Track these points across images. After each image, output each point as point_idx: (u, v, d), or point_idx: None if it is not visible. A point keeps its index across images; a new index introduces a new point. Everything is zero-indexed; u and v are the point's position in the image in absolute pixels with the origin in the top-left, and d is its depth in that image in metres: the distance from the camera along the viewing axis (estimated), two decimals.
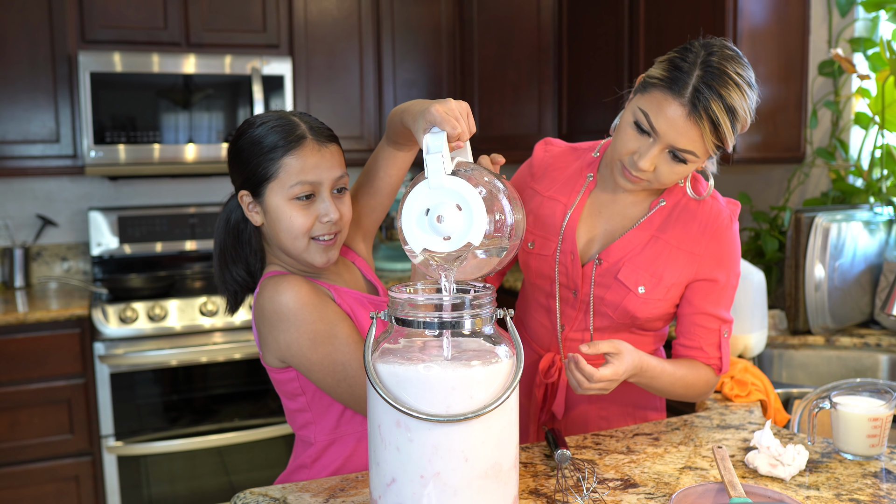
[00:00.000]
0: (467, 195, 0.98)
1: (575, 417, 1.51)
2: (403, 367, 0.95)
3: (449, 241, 0.99)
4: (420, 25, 3.57)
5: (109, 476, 2.86)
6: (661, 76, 1.25)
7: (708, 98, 1.21)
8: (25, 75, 2.95)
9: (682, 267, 1.38)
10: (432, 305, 0.98)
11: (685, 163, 1.27)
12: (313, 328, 1.22)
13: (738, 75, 1.24)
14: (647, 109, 1.26)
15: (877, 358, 2.18)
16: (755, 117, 1.30)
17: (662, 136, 1.24)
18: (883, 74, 2.34)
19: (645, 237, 1.39)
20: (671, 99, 1.23)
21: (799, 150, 2.68)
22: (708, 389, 1.44)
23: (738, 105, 1.23)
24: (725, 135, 1.24)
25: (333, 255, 1.28)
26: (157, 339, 2.88)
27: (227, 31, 3.22)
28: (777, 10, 2.57)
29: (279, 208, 1.24)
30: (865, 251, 2.36)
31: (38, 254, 3.36)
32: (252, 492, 1.17)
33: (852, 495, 1.15)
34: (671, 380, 1.36)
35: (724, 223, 1.38)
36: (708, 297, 1.39)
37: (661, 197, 1.41)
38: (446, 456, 0.94)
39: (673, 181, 1.32)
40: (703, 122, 1.22)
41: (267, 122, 1.26)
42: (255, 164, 1.24)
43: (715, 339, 1.41)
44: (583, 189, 1.45)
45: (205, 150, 3.14)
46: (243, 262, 1.35)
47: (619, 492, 1.16)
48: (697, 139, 1.24)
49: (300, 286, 1.23)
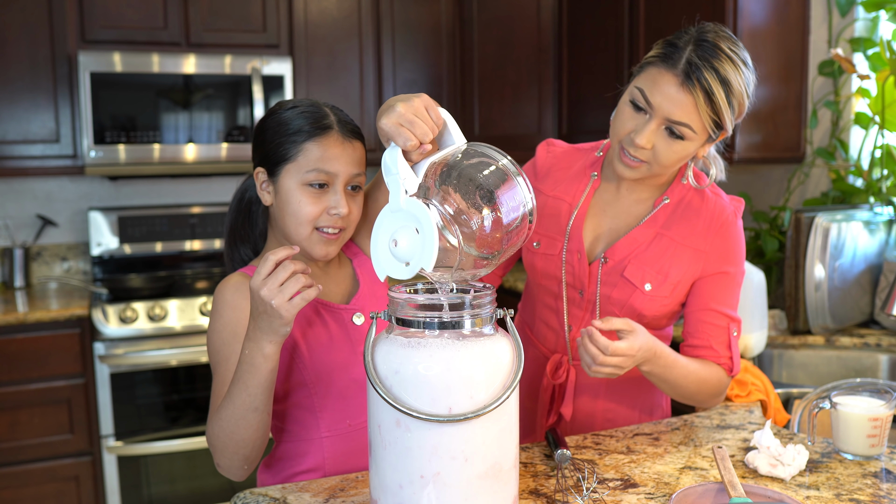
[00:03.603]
0: (421, 218, 0.94)
1: (581, 420, 1.50)
2: (403, 366, 0.95)
3: (408, 267, 0.97)
4: (420, 25, 3.57)
5: (109, 476, 2.86)
6: (656, 54, 1.29)
7: (701, 68, 1.23)
8: (25, 75, 2.95)
9: (687, 264, 1.38)
10: (432, 305, 0.98)
11: (682, 139, 1.27)
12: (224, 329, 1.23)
13: (733, 52, 1.26)
14: (642, 86, 1.28)
15: (877, 358, 2.18)
16: (753, 102, 1.31)
17: (658, 110, 1.26)
18: (883, 74, 2.34)
19: (650, 234, 1.39)
20: (665, 72, 1.25)
21: (799, 150, 2.68)
22: (720, 390, 1.40)
23: (733, 78, 1.24)
24: (721, 107, 1.24)
25: (333, 250, 1.27)
26: (157, 339, 2.88)
27: (227, 31, 3.22)
28: (777, 10, 2.57)
29: (291, 191, 1.23)
30: (865, 251, 2.36)
31: (38, 254, 3.36)
32: (252, 492, 1.17)
33: (852, 495, 1.15)
34: (684, 372, 1.32)
35: (730, 219, 1.39)
36: (715, 293, 1.38)
37: (665, 195, 1.41)
38: (446, 456, 0.94)
39: (672, 162, 1.31)
40: (697, 91, 1.23)
41: (298, 106, 1.26)
42: (277, 143, 1.24)
43: (724, 338, 1.38)
44: (587, 188, 1.44)
45: (205, 150, 3.14)
46: (251, 242, 1.36)
47: (619, 492, 1.16)
48: (692, 110, 1.24)
49: (239, 286, 1.24)
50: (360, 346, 1.30)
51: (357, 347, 1.30)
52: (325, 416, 1.29)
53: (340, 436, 1.29)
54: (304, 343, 1.27)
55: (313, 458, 1.29)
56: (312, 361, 1.27)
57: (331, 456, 1.29)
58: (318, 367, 1.27)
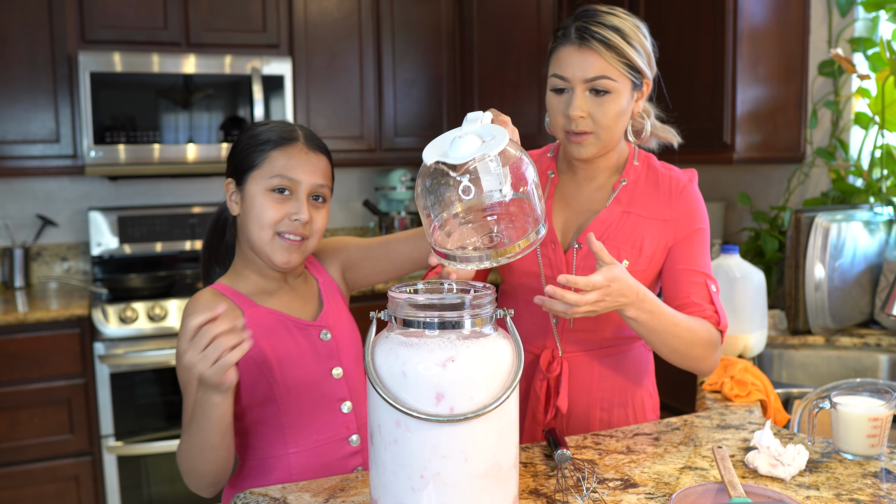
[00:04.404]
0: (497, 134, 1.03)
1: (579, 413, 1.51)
2: (403, 366, 0.95)
3: (481, 145, 1.04)
4: (420, 25, 3.57)
5: (109, 476, 2.86)
6: (551, 44, 1.41)
7: (589, 25, 1.35)
8: (25, 75, 2.95)
9: (658, 235, 1.43)
10: (432, 305, 0.98)
11: (609, 92, 1.35)
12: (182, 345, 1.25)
13: (612, 10, 1.38)
14: (553, 70, 1.39)
15: (877, 358, 2.18)
16: (657, 52, 1.42)
17: (573, 79, 1.35)
18: (883, 74, 2.34)
19: (617, 214, 1.44)
20: (563, 47, 1.37)
21: (799, 150, 2.68)
22: (713, 343, 1.37)
23: (621, 24, 1.35)
24: (623, 49, 1.34)
25: (295, 258, 1.29)
26: (157, 339, 2.88)
27: (227, 31, 3.22)
28: (777, 10, 2.57)
29: (255, 196, 1.28)
30: (865, 251, 2.36)
31: (38, 254, 3.36)
32: (252, 492, 1.17)
33: (852, 495, 1.15)
34: (674, 320, 1.30)
35: (686, 185, 1.46)
36: (689, 254, 1.43)
37: (622, 177, 1.47)
38: (446, 456, 0.94)
39: (612, 120, 1.37)
40: (594, 44, 1.33)
41: (269, 124, 1.34)
42: (246, 154, 1.30)
43: (705, 293, 1.40)
44: (547, 186, 1.51)
45: (205, 150, 3.14)
46: (223, 262, 1.41)
47: (619, 492, 1.16)
48: (599, 61, 1.34)
49: (208, 304, 1.25)
50: (328, 362, 1.34)
51: (326, 364, 1.33)
52: (293, 431, 1.31)
53: (307, 451, 1.32)
54: (275, 358, 1.29)
55: (279, 475, 1.31)
56: (283, 377, 1.29)
57: (298, 472, 1.31)
58: (288, 382, 1.29)
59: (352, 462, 1.36)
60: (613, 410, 1.52)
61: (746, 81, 2.54)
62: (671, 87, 2.84)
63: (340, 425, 1.34)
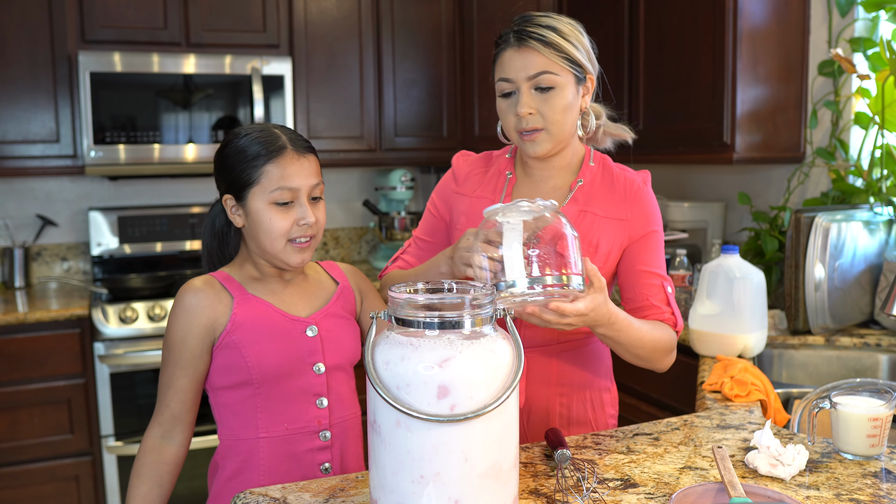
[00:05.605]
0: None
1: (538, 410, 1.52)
2: (403, 366, 0.95)
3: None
4: (420, 25, 3.57)
5: (109, 476, 2.86)
6: (494, 52, 1.48)
7: (525, 27, 1.41)
8: (25, 75, 2.95)
9: (613, 234, 1.47)
10: (432, 305, 0.98)
11: (553, 87, 1.40)
12: (175, 334, 1.35)
13: (547, 14, 1.43)
14: (498, 74, 1.45)
15: (877, 358, 2.18)
16: (596, 50, 1.47)
17: (517, 79, 1.41)
18: (883, 74, 2.34)
19: (574, 212, 1.47)
20: (504, 52, 1.44)
21: (799, 150, 2.68)
22: (671, 349, 1.47)
23: (556, 23, 1.41)
24: (561, 45, 1.39)
25: (307, 256, 1.39)
26: (157, 339, 2.88)
27: (226, 31, 3.22)
28: (777, 10, 2.57)
29: (260, 212, 1.34)
30: (865, 251, 2.36)
31: (38, 254, 3.36)
32: (252, 492, 1.17)
33: (852, 495, 1.15)
34: (638, 335, 1.38)
35: (641, 187, 1.50)
36: (644, 256, 1.47)
37: (578, 177, 1.51)
38: (446, 456, 0.94)
39: (560, 115, 1.41)
40: (533, 43, 1.39)
41: (250, 133, 1.37)
42: (239, 170, 1.35)
43: (662, 295, 1.48)
44: (505, 186, 1.54)
45: (205, 150, 3.14)
46: (227, 262, 1.47)
47: (619, 492, 1.16)
48: (539, 58, 1.39)
49: (198, 292, 1.35)
50: (310, 357, 1.38)
51: (307, 358, 1.38)
52: (265, 416, 1.37)
53: (277, 438, 1.37)
54: (254, 345, 1.34)
55: (246, 456, 1.37)
56: (260, 363, 1.34)
57: (266, 457, 1.37)
58: (265, 369, 1.35)
59: (320, 456, 1.40)
60: (573, 405, 1.54)
61: (746, 81, 2.54)
62: (672, 87, 2.85)
63: (313, 419, 1.39)
